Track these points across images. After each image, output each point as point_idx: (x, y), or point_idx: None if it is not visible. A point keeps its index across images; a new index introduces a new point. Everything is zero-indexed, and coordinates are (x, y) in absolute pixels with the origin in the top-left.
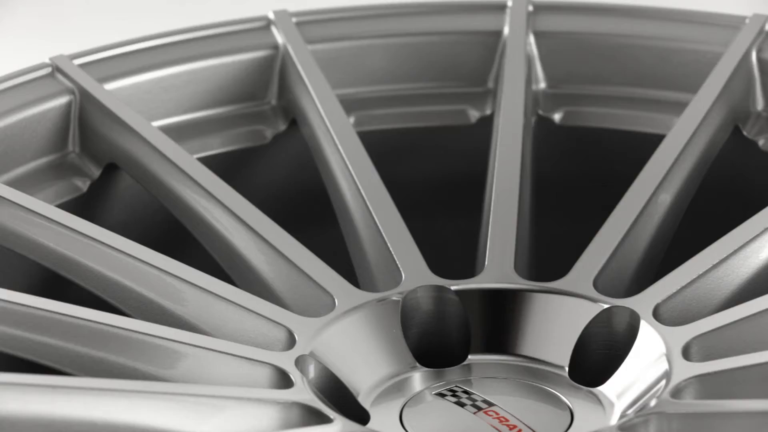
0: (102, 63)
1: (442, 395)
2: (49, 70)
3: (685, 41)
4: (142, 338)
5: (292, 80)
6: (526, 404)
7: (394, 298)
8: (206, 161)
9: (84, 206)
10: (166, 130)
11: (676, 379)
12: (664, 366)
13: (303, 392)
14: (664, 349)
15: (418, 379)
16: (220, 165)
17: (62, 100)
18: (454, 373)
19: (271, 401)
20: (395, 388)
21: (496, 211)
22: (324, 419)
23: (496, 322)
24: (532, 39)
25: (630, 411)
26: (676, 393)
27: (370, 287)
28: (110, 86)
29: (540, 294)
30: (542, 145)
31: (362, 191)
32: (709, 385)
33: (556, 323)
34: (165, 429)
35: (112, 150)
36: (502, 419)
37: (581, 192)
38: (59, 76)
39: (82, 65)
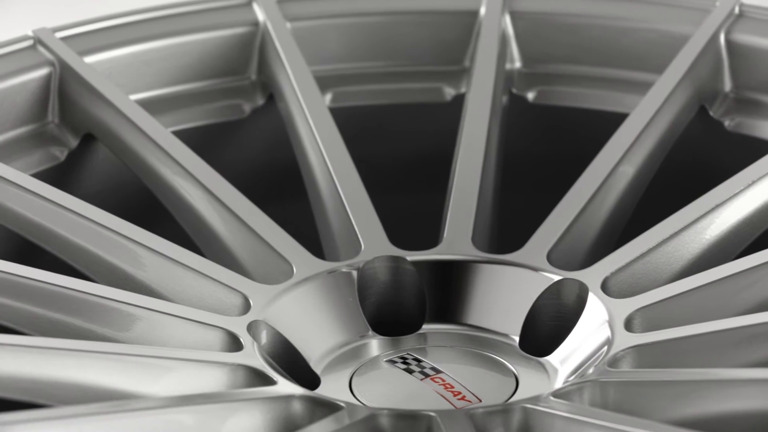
0: (84, 36)
1: (392, 362)
2: (30, 42)
3: (657, 23)
4: (98, 301)
5: (270, 56)
6: (474, 372)
7: (352, 267)
8: (185, 134)
9: (61, 175)
10: (147, 102)
11: (615, 349)
12: (607, 337)
13: (251, 356)
14: (607, 321)
15: (371, 346)
16: (199, 138)
17: (42, 72)
18: (407, 342)
19: (218, 363)
20: (348, 355)
21: (457, 187)
22: (269, 382)
23: (451, 293)
24: (508, 19)
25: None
26: (614, 362)
27: (333, 257)
28: (91, 59)
29: (493, 266)
30: (515, 123)
31: (329, 165)
32: (647, 355)
33: (508, 294)
34: (112, 388)
35: (89, 121)
36: (447, 386)
37: (554, 169)
38: (40, 49)
39: (64, 38)
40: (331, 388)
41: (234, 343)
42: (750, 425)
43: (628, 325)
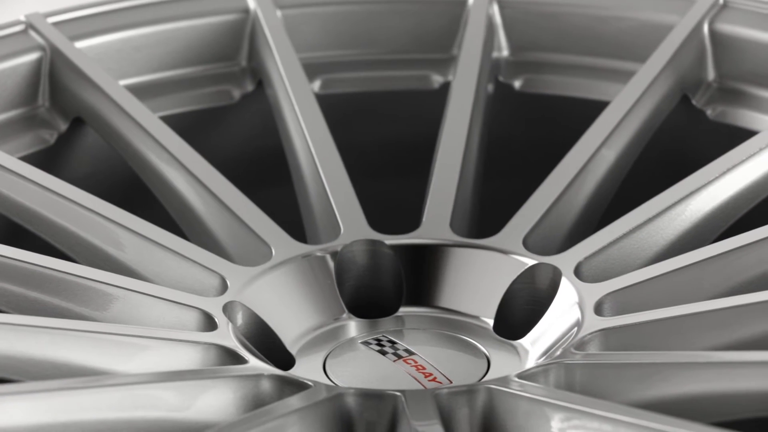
0: (75, 22)
1: (367, 344)
2: (22, 27)
3: (644, 12)
4: (76, 280)
5: (260, 43)
6: (447, 354)
7: (330, 251)
8: (176, 118)
9: (51, 158)
10: (138, 88)
11: (583, 332)
12: (577, 320)
13: (224, 336)
14: (578, 305)
15: (347, 328)
16: (188, 123)
17: (33, 56)
18: (384, 324)
19: (191, 343)
20: (324, 336)
21: (438, 173)
22: (240, 361)
23: (427, 276)
24: (496, 8)
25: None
26: (581, 345)
27: (315, 240)
28: (82, 44)
29: (468, 250)
30: (502, 110)
31: (312, 150)
32: (614, 338)
33: (484, 279)
34: (87, 366)
35: (78, 105)
36: (419, 367)
37: (542, 156)
38: (32, 33)
39: (55, 23)
40: (305, 368)
41: (209, 323)
42: (709, 407)
43: (598, 309)
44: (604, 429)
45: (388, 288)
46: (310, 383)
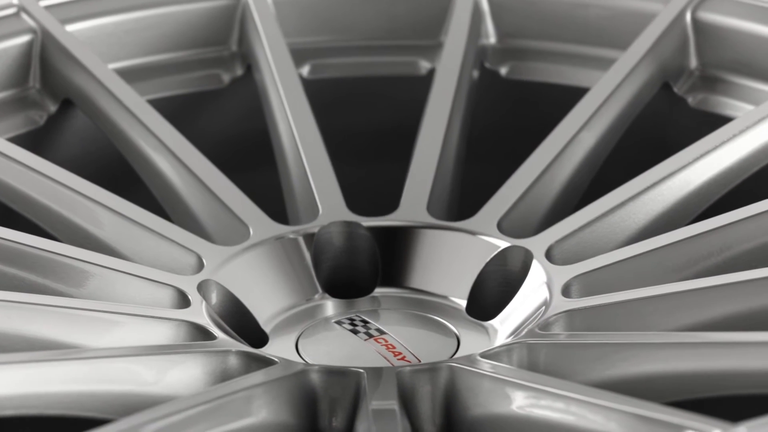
0: (67, 5)
1: (340, 323)
2: (15, 9)
3: (630, 0)
4: (53, 257)
5: (249, 28)
6: (418, 334)
7: (306, 232)
8: (165, 102)
9: (40, 139)
10: (128, 71)
11: (549, 313)
12: (544, 301)
13: (196, 313)
14: (546, 287)
15: (322, 308)
16: (178, 106)
17: (25, 39)
18: (358, 304)
19: (163, 319)
20: (299, 316)
21: (417, 157)
22: (210, 338)
23: (403, 258)
24: None
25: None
26: (546, 326)
27: (295, 221)
28: (74, 27)
29: (442, 232)
30: (489, 97)
31: (295, 133)
32: (579, 319)
33: (457, 261)
34: (59, 341)
35: (67, 87)
36: (389, 346)
37: (528, 142)
38: (24, 16)
39: (47, 6)
40: (278, 346)
41: (183, 301)
42: (667, 386)
43: (566, 290)
44: (557, 406)
45: (365, 269)
46: (276, 359)
